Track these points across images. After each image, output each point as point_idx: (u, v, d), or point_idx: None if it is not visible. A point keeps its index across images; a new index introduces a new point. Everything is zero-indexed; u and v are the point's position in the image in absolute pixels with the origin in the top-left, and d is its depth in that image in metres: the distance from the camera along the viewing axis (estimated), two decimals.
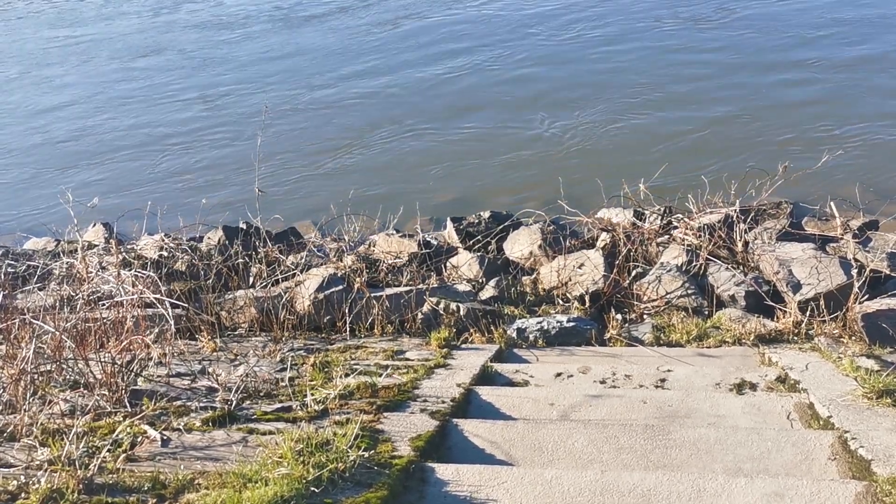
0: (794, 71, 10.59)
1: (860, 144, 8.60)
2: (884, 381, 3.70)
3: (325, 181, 9.17)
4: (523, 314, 5.60)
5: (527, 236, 6.77)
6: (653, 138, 9.22)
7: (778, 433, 3.43)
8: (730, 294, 5.58)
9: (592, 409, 3.87)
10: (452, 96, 11.06)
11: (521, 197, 8.20)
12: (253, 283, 5.93)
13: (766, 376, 4.27)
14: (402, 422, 3.60)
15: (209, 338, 5.01)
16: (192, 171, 9.81)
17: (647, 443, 3.43)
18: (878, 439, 3.25)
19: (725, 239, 6.16)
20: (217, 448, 3.36)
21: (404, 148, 9.74)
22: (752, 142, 8.91)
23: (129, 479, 3.05)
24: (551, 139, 9.53)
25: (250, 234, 6.66)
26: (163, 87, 12.61)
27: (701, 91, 10.33)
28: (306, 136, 10.34)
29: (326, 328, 5.45)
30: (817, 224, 6.87)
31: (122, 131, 11.18)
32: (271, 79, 12.36)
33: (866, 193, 7.30)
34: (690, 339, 5.12)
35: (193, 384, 4.16)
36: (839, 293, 5.15)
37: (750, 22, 12.44)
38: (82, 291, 4.76)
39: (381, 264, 6.39)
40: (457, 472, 3.10)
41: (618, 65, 11.41)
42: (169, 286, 5.61)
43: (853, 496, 2.86)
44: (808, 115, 9.41)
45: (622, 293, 5.76)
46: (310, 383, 4.10)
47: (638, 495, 2.95)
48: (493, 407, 3.95)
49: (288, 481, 2.91)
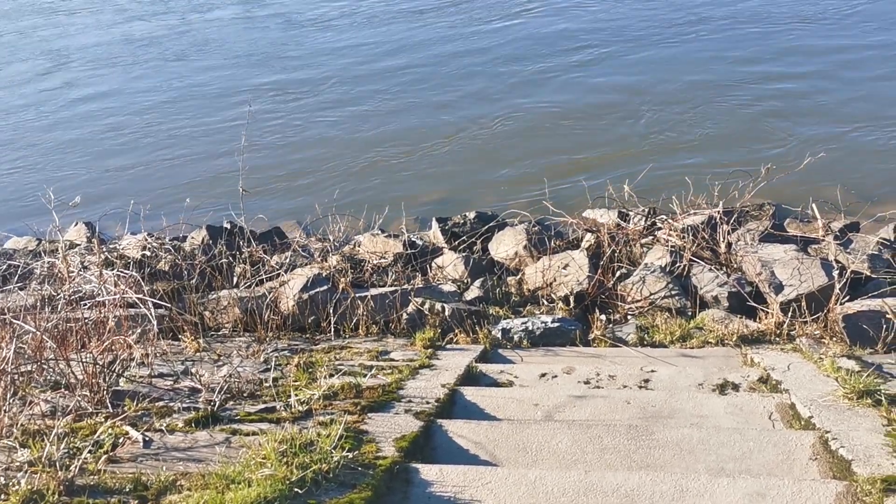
0: (772, 72, 10.68)
1: (841, 147, 8.67)
2: (864, 382, 3.73)
3: (310, 181, 9.13)
4: (508, 315, 5.61)
5: (512, 237, 6.78)
6: (638, 139, 9.27)
7: (760, 433, 3.46)
8: (713, 295, 5.61)
9: (576, 410, 3.88)
10: (435, 95, 11.06)
11: (506, 197, 8.21)
12: (237, 283, 5.90)
13: (749, 377, 4.29)
14: (386, 422, 3.59)
15: (192, 338, 4.98)
16: (176, 170, 9.75)
17: (630, 443, 3.44)
18: (858, 439, 3.27)
19: (709, 240, 6.20)
20: (200, 449, 3.34)
21: (389, 148, 9.72)
22: (733, 143, 8.96)
23: (110, 480, 3.03)
24: (536, 139, 9.55)
25: (234, 234, 6.63)
26: (148, 86, 12.54)
27: (684, 90, 10.39)
28: (290, 134, 10.30)
29: (311, 328, 5.44)
30: (799, 226, 6.92)
31: (103, 130, 11.09)
32: (254, 80, 12.31)
33: (847, 195, 7.36)
34: (674, 340, 5.14)
35: (176, 385, 4.13)
36: (820, 294, 5.19)
37: (733, 19, 12.56)
38: (64, 291, 4.73)
39: (366, 264, 6.38)
40: (441, 473, 3.10)
41: (605, 66, 11.47)
42: (152, 286, 5.58)
43: (834, 496, 2.89)
44: (788, 116, 9.48)
45: (606, 294, 5.78)
46: (294, 384, 4.09)
47: (621, 495, 2.96)
48: (477, 407, 3.95)
49: (271, 482, 2.90)
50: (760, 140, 8.97)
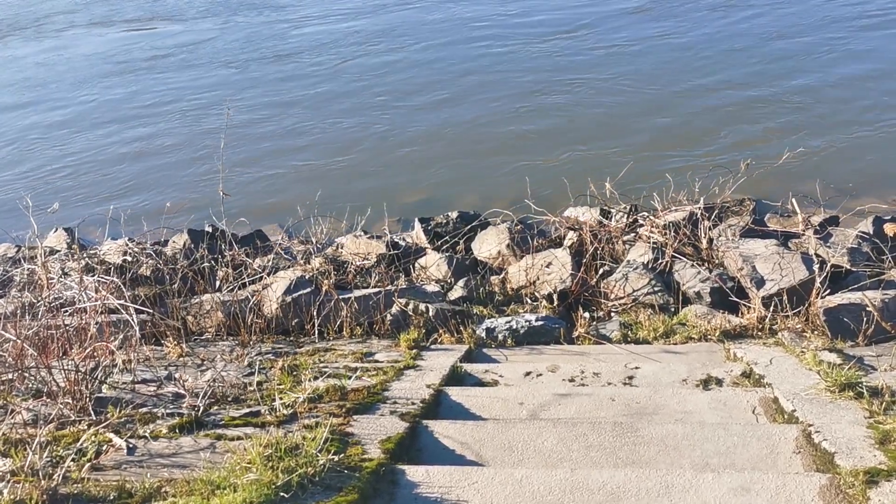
0: (753, 70, 10.76)
1: (820, 141, 8.75)
2: (846, 375, 3.76)
3: (292, 183, 9.10)
4: (492, 314, 5.61)
5: (495, 236, 6.79)
6: (617, 134, 9.31)
7: (744, 428, 3.48)
8: (695, 291, 5.64)
9: (561, 408, 3.89)
10: (417, 96, 11.05)
11: (488, 196, 8.22)
12: (219, 286, 5.87)
13: (732, 371, 4.32)
14: (371, 424, 3.59)
15: (175, 343, 4.95)
16: (156, 174, 9.68)
17: (615, 440, 3.45)
18: (840, 432, 3.30)
19: (690, 236, 6.23)
20: (184, 455, 3.32)
21: (371, 149, 9.71)
22: (713, 140, 9.02)
23: (94, 488, 3.00)
24: (517, 138, 9.57)
25: (216, 238, 6.59)
26: (127, 92, 12.45)
27: (664, 88, 10.45)
28: (270, 137, 10.26)
29: (295, 331, 5.41)
30: (779, 220, 6.98)
31: (82, 137, 11.00)
32: (234, 85, 12.25)
33: (827, 189, 7.41)
34: (657, 336, 5.17)
35: (159, 390, 4.10)
36: (801, 288, 5.23)
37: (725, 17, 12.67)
38: (44, 298, 4.68)
39: (349, 266, 6.36)
40: (427, 474, 3.10)
41: (594, 67, 11.53)
42: (133, 291, 5.54)
43: (818, 489, 2.91)
44: (767, 112, 9.56)
45: (590, 291, 5.80)
46: (278, 387, 4.07)
47: (607, 493, 2.97)
48: (462, 407, 3.96)
49: (257, 487, 2.89)
50: (739, 136, 9.04)
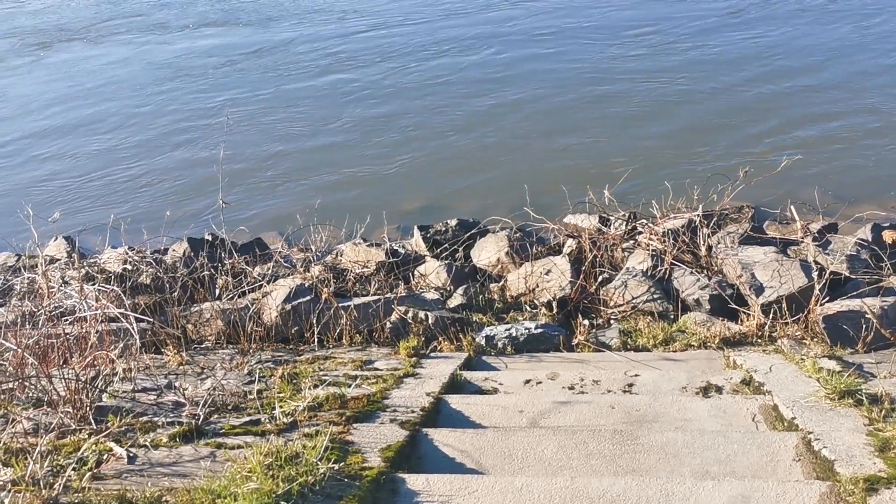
0: (749, 78, 10.80)
1: (819, 148, 8.77)
2: (845, 382, 3.77)
3: (291, 191, 9.11)
4: (491, 321, 5.62)
5: (494, 243, 6.80)
6: (616, 142, 9.33)
7: (744, 435, 3.48)
8: (694, 298, 5.65)
9: (561, 416, 3.89)
10: (416, 104, 11.07)
11: (487, 204, 8.23)
12: (219, 295, 5.87)
13: (732, 379, 4.33)
14: (371, 433, 3.59)
15: (175, 351, 4.95)
16: (156, 184, 9.68)
17: (615, 448, 3.45)
18: (840, 440, 3.31)
19: (689, 243, 6.24)
20: (185, 464, 3.32)
21: (370, 157, 9.72)
22: (712, 147, 9.04)
23: (95, 497, 3.00)
24: (517, 146, 9.59)
25: (216, 246, 6.59)
26: (124, 100, 12.48)
27: (662, 96, 10.48)
28: (270, 146, 10.27)
29: (294, 339, 5.42)
30: (778, 227, 6.99)
31: (83, 146, 11.00)
32: (230, 92, 12.29)
33: (825, 197, 7.44)
34: (657, 344, 5.17)
35: (160, 399, 4.10)
36: (801, 295, 5.24)
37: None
38: (44, 307, 4.69)
39: (348, 274, 6.37)
40: (427, 482, 3.10)
41: (589, 75, 11.57)
42: (133, 300, 5.54)
43: (818, 497, 2.91)
44: (766, 118, 9.58)
45: (589, 299, 5.81)
46: (278, 395, 4.07)
47: (607, 501, 2.97)
48: (462, 415, 3.96)
49: (257, 496, 2.89)
50: (738, 143, 9.06)
